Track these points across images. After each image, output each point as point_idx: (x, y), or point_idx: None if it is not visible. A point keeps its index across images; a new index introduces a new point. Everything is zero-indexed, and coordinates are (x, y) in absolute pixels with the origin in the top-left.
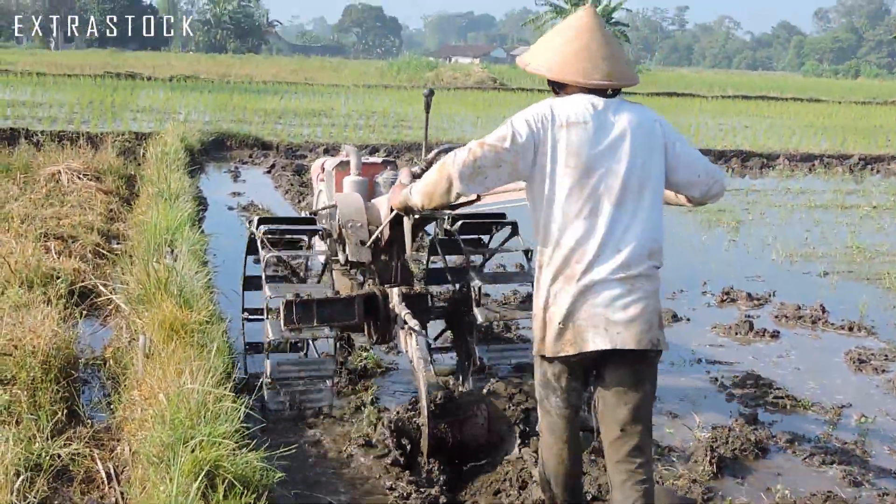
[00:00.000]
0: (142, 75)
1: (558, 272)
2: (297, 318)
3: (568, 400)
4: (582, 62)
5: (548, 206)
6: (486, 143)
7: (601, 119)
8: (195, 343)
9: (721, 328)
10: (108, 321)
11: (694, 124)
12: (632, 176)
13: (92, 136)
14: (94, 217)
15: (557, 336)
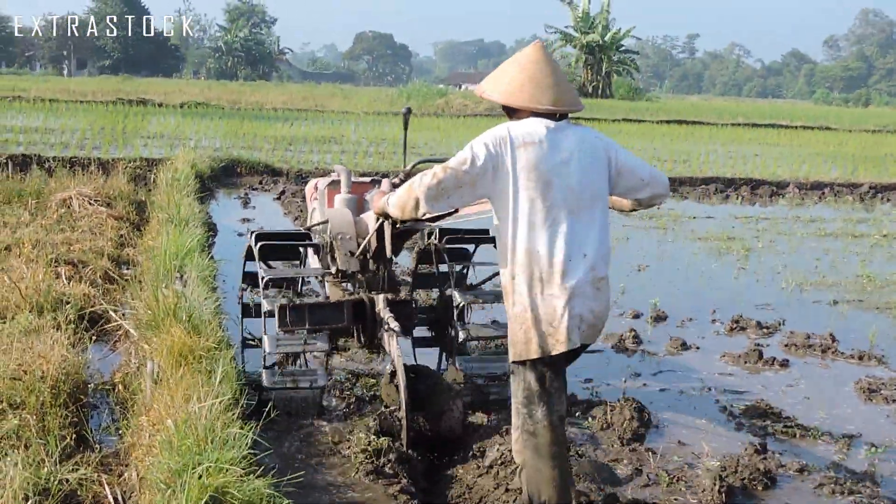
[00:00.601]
0: (153, 102)
1: (536, 278)
2: (290, 321)
3: (552, 405)
4: (530, 90)
5: (514, 219)
6: (448, 167)
7: (553, 138)
8: (203, 369)
9: (730, 357)
10: (117, 346)
11: (704, 152)
12: (584, 189)
13: (103, 162)
14: (105, 242)
15: (547, 336)
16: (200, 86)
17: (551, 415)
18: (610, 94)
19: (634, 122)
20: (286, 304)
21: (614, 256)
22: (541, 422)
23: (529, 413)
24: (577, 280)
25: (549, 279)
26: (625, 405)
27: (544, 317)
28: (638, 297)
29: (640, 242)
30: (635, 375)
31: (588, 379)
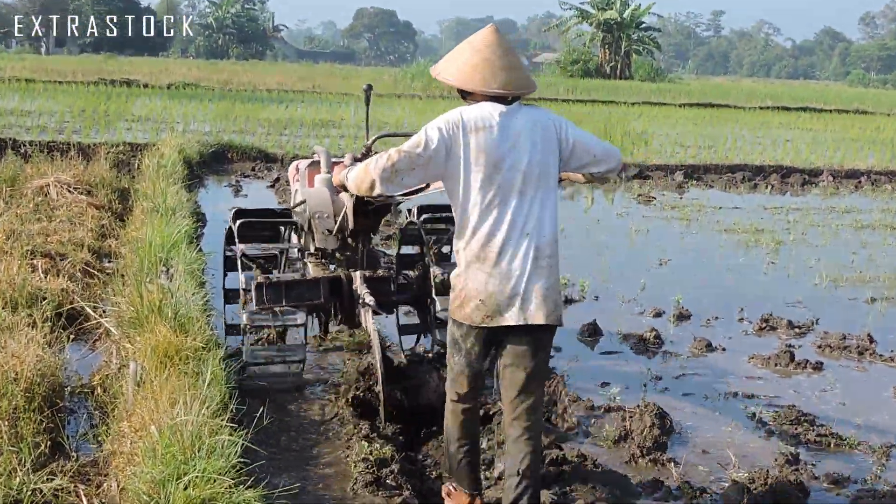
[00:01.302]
0: (138, 82)
1: (475, 255)
2: (267, 298)
3: (470, 361)
4: (482, 73)
5: (464, 199)
6: (402, 150)
7: (504, 123)
8: (190, 371)
9: (759, 359)
10: (97, 346)
11: (730, 137)
12: (532, 170)
13: (83, 147)
14: (85, 233)
15: (475, 310)
16: (189, 65)
17: (466, 367)
18: (629, 75)
19: (655, 105)
20: (263, 282)
21: (633, 250)
22: (455, 367)
23: (451, 355)
24: (517, 259)
25: (487, 257)
26: (644, 411)
27: (476, 293)
28: (659, 293)
29: (661, 235)
30: (656, 379)
31: (605, 382)
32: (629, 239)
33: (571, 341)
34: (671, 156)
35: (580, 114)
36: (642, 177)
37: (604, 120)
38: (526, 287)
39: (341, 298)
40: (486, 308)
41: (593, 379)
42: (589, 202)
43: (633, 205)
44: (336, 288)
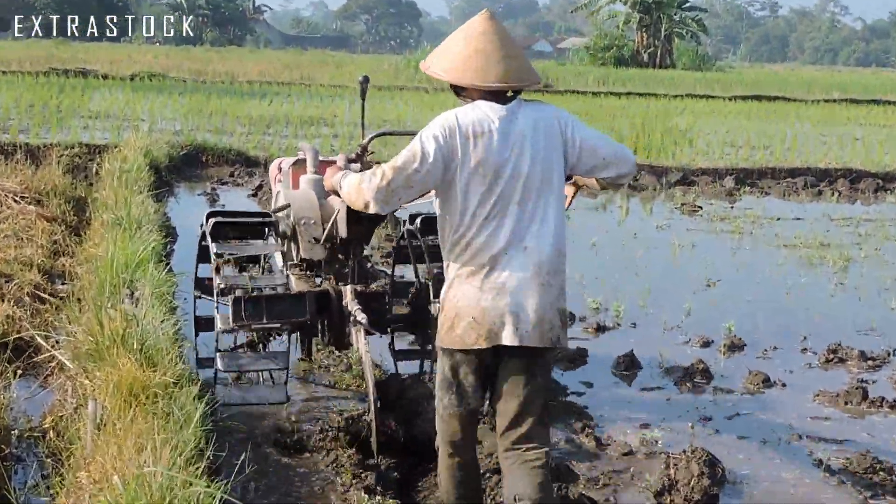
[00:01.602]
0: (96, 72)
1: (469, 271)
2: (246, 314)
3: (463, 397)
4: (476, 66)
5: (462, 210)
6: (396, 166)
7: (504, 127)
8: (159, 411)
9: (826, 396)
10: (49, 382)
11: (789, 136)
12: (534, 176)
13: (32, 149)
14: (34, 250)
15: (468, 330)
16: (155, 52)
17: (458, 406)
18: (671, 62)
19: (701, 97)
20: (241, 297)
21: (678, 269)
22: (447, 409)
23: (441, 398)
24: (514, 274)
25: (480, 271)
26: (692, 458)
27: (466, 311)
28: (707, 319)
29: (710, 251)
30: (705, 420)
31: (644, 424)
32: (671, 256)
33: (605, 376)
34: (720, 158)
35: (613, 108)
36: (686, 183)
37: (641, 116)
38: (521, 304)
39: (329, 316)
40: (479, 327)
41: (631, 420)
42: (623, 213)
43: (675, 216)
44: (324, 304)
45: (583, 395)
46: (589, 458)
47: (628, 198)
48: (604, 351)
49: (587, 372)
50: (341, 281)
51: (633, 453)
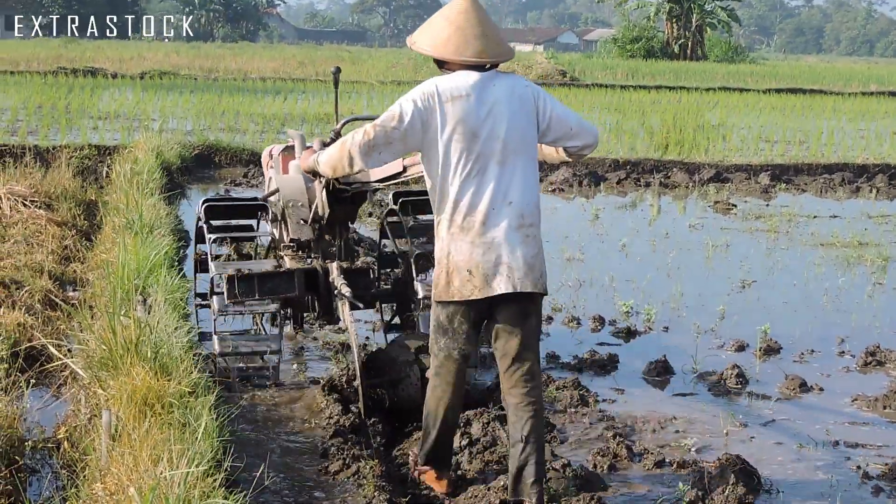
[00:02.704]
0: (105, 71)
1: (458, 226)
2: (239, 291)
3: (457, 342)
4: (456, 42)
5: (444, 170)
6: (377, 124)
7: (480, 90)
8: (175, 421)
9: (864, 401)
10: (62, 392)
11: (826, 130)
12: (511, 138)
13: (41, 151)
14: (44, 256)
15: (464, 284)
16: (166, 50)
17: (451, 350)
18: (702, 54)
19: (734, 90)
20: (234, 274)
21: (711, 270)
22: (442, 351)
23: (436, 340)
24: (501, 228)
25: (472, 227)
26: (726, 466)
27: (463, 264)
28: (742, 322)
29: (744, 250)
30: (740, 426)
31: (677, 431)
32: (705, 256)
33: (637, 381)
34: (754, 153)
35: (643, 103)
36: (720, 180)
37: (672, 110)
38: (512, 255)
39: (318, 291)
40: (474, 279)
41: (664, 427)
42: (654, 212)
43: (708, 214)
44: (312, 280)
45: (614, 402)
46: (621, 466)
47: (659, 196)
48: (635, 356)
49: (618, 378)
50: (328, 259)
51: (665, 461)
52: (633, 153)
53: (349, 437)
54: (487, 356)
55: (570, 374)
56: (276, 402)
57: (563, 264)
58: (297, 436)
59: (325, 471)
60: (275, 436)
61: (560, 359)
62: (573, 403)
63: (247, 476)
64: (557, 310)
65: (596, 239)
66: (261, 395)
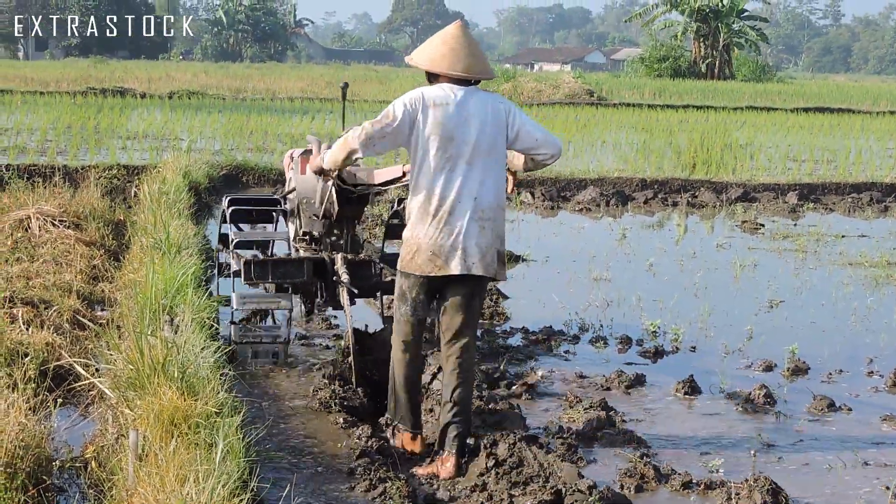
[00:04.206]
0: (134, 91)
1: (428, 212)
2: (254, 274)
3: (415, 309)
4: (449, 59)
5: (421, 164)
6: (374, 122)
7: (460, 102)
8: (202, 441)
9: (894, 421)
10: (89, 411)
11: (854, 149)
12: (480, 144)
13: (70, 171)
14: (73, 276)
15: (427, 262)
16: (195, 70)
17: (411, 315)
18: (730, 73)
19: (762, 110)
20: (251, 260)
21: (739, 290)
22: (403, 316)
23: (398, 307)
24: (464, 219)
25: (438, 214)
26: (754, 487)
27: (429, 246)
28: (769, 342)
29: (772, 270)
30: (767, 446)
31: (705, 452)
32: (732, 276)
33: (664, 402)
34: (782, 173)
35: (670, 122)
36: (747, 199)
37: (699, 129)
38: (466, 242)
39: (325, 279)
40: (435, 258)
41: (690, 447)
42: (681, 231)
43: (736, 234)
44: (320, 269)
45: (641, 422)
46: (648, 487)
47: (687, 215)
48: (662, 376)
49: (645, 398)
50: (336, 251)
51: (693, 482)
52: (660, 172)
53: (376, 458)
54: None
55: (597, 394)
56: (301, 421)
57: (590, 284)
58: (323, 456)
59: (351, 490)
60: (301, 455)
61: (587, 378)
62: (600, 424)
63: (274, 496)
64: (584, 329)
65: (623, 258)
66: (287, 414)
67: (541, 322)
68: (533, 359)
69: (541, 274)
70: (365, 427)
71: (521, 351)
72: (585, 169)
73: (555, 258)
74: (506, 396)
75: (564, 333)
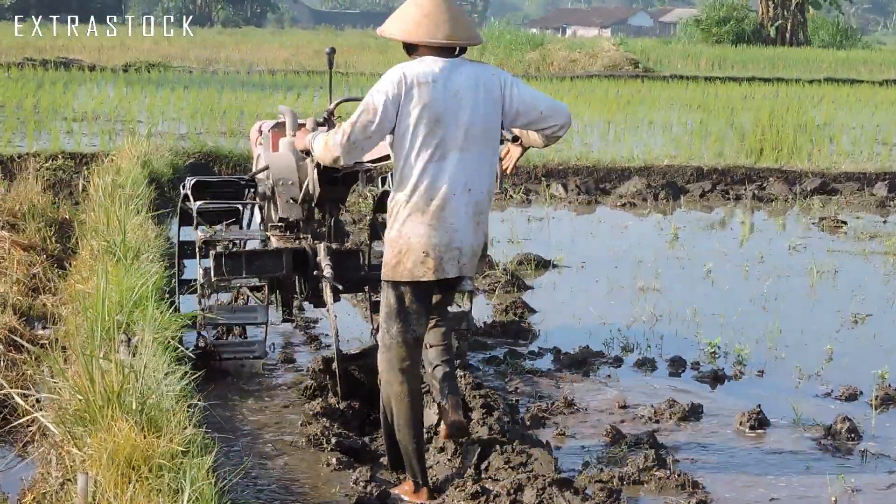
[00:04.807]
0: (81, 62)
1: (417, 207)
2: (226, 269)
3: (409, 325)
4: (426, 26)
5: (407, 152)
6: (353, 122)
7: (446, 78)
8: (166, 487)
9: None
10: (28, 451)
11: None
12: (473, 126)
13: (4, 160)
14: (8, 287)
15: (418, 265)
16: (155, 37)
17: (405, 333)
18: (805, 38)
19: (843, 82)
20: (222, 252)
21: (816, 302)
22: (395, 338)
23: (388, 328)
24: (457, 214)
25: (430, 210)
26: None
27: (418, 246)
28: (854, 365)
29: (856, 278)
30: (852, 492)
31: (775, 498)
32: (808, 285)
33: (725, 437)
34: (868, 159)
35: (732, 98)
36: (826, 191)
37: (767, 107)
38: (464, 241)
39: (306, 272)
40: (429, 261)
41: (757, 490)
42: (747, 230)
43: (812, 233)
44: (300, 261)
45: (697, 462)
46: None
47: (752, 211)
48: (724, 405)
49: (703, 432)
50: (317, 240)
51: None
52: (720, 160)
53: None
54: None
55: (644, 428)
56: (286, 461)
57: (636, 295)
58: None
59: None
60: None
61: (631, 409)
62: (648, 464)
63: None
64: (628, 350)
65: (675, 264)
66: (268, 453)
67: (575, 341)
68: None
69: (576, 283)
70: (362, 469)
71: (551, 376)
72: (629, 156)
73: (592, 264)
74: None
75: (604, 355)
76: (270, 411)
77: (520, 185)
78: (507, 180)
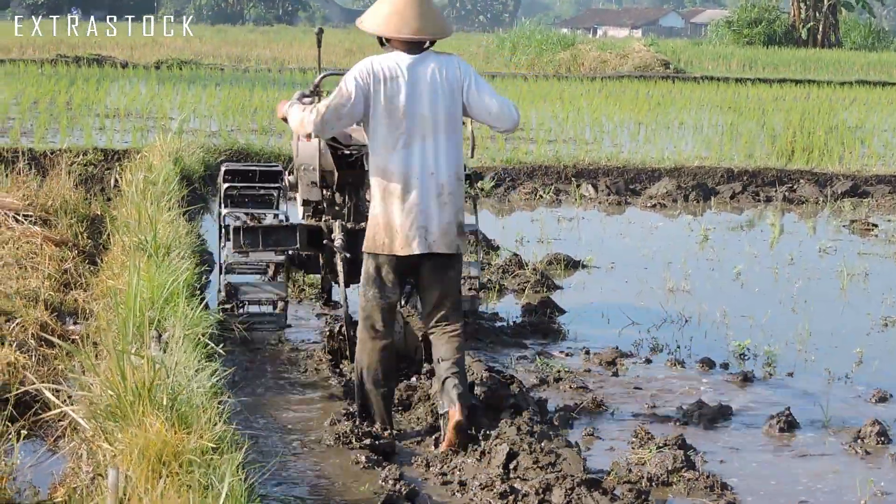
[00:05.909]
0: (114, 60)
1: (388, 191)
2: (244, 242)
3: (384, 291)
4: (394, 22)
5: (377, 142)
6: (327, 104)
7: (411, 72)
8: (196, 483)
9: None
10: (59, 446)
11: None
12: (436, 116)
13: (37, 156)
14: (40, 282)
15: (391, 240)
16: (187, 35)
17: (381, 299)
18: (836, 40)
19: (875, 84)
20: (240, 226)
21: (847, 304)
22: (370, 301)
23: (364, 293)
24: (423, 196)
25: (399, 194)
26: None
27: (390, 224)
28: (885, 368)
29: (887, 281)
30: (882, 495)
31: (804, 501)
32: (839, 287)
33: (754, 439)
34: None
35: (763, 99)
36: (857, 194)
37: (799, 109)
38: (429, 221)
39: (323, 249)
40: (398, 238)
41: (787, 496)
42: (777, 232)
43: (843, 236)
44: (315, 237)
45: (726, 464)
46: None
47: (782, 213)
48: (752, 407)
49: (731, 434)
50: (337, 219)
51: None
52: (750, 161)
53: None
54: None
55: (673, 430)
56: (315, 459)
57: (666, 296)
58: (341, 502)
59: None
60: (314, 501)
61: (660, 410)
62: (677, 466)
63: None
64: (657, 350)
65: (705, 266)
66: (297, 450)
67: (605, 341)
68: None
69: (605, 283)
70: (391, 467)
71: (580, 376)
72: (659, 157)
73: (622, 265)
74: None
75: (634, 355)
76: (299, 409)
77: (550, 186)
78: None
